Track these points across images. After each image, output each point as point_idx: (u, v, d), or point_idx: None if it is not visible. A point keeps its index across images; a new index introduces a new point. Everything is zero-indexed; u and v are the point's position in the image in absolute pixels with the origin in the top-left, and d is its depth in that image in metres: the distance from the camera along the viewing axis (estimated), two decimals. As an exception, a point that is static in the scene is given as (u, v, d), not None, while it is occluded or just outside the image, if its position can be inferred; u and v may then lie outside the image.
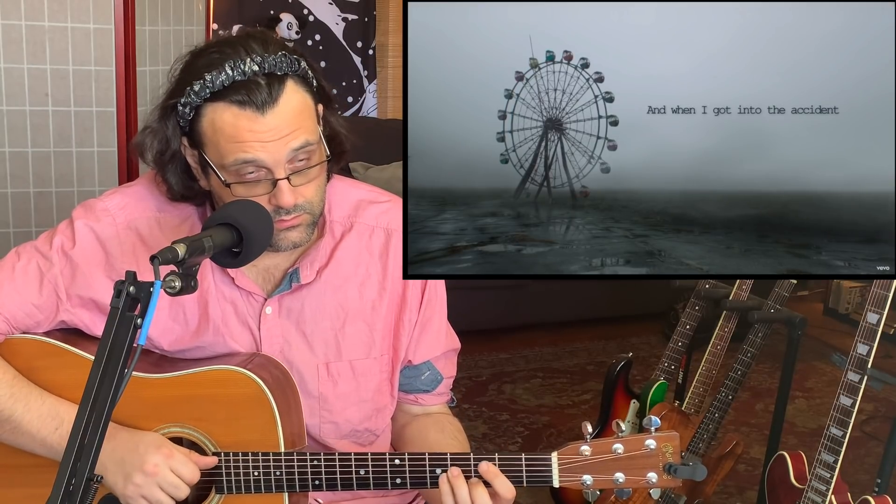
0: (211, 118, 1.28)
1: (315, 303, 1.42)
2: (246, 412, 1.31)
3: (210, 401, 1.32)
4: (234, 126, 1.26)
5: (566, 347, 4.22)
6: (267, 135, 1.26)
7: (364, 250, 1.45)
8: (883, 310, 1.85)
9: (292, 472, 1.30)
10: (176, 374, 1.34)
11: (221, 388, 1.32)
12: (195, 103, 1.28)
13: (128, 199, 1.42)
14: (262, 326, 1.41)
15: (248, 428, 1.32)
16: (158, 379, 1.33)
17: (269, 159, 1.26)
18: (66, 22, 2.73)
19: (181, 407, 1.32)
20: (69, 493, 0.95)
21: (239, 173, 1.28)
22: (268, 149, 1.26)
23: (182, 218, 1.42)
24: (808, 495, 1.94)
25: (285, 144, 1.27)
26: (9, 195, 2.78)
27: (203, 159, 1.31)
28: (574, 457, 1.27)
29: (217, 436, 1.32)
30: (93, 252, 1.38)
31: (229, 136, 1.26)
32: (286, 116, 1.27)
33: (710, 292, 2.55)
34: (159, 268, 1.04)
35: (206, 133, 1.29)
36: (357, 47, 4.95)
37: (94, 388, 0.97)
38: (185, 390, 1.33)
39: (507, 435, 3.29)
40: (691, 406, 2.47)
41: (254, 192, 1.28)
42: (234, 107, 1.26)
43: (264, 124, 1.26)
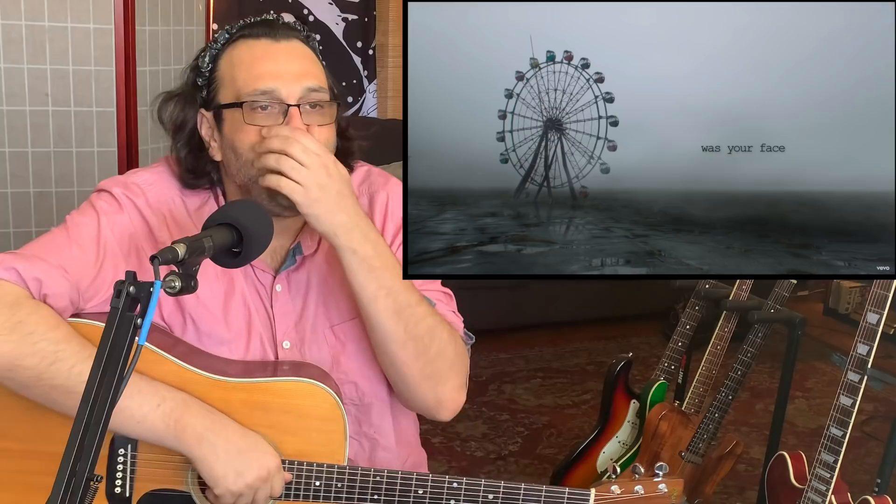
0: (228, 58, 1.38)
1: (319, 272, 1.45)
2: (318, 426, 1.35)
3: (284, 410, 1.35)
4: (251, 55, 1.36)
5: (566, 347, 4.22)
6: (281, 64, 1.35)
7: None
8: (883, 310, 1.85)
9: (354, 485, 1.34)
10: (252, 380, 1.35)
11: (298, 399, 1.35)
12: (215, 50, 1.38)
13: (155, 177, 1.45)
14: (274, 305, 1.45)
15: (316, 441, 1.35)
16: (231, 382, 1.34)
17: (283, 90, 1.33)
18: (66, 22, 2.73)
19: (254, 413, 1.34)
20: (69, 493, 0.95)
21: (252, 107, 1.33)
22: (283, 77, 1.33)
23: (202, 200, 1.45)
24: (808, 495, 1.94)
25: (298, 80, 1.34)
26: (9, 195, 2.78)
27: (218, 114, 1.37)
28: (607, 494, 1.38)
29: (283, 444, 1.35)
30: (139, 221, 1.41)
31: (247, 66, 1.35)
32: (299, 53, 1.38)
33: (710, 292, 2.55)
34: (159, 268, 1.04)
35: (224, 75, 1.37)
36: (357, 47, 4.95)
37: (95, 388, 0.97)
38: (260, 397, 1.35)
39: (507, 435, 3.29)
40: (691, 406, 2.47)
41: (267, 121, 1.33)
42: (251, 39, 1.37)
43: (278, 50, 1.36)
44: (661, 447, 2.42)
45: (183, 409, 1.30)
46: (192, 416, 1.30)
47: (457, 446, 3.18)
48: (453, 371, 1.41)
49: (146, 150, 2.90)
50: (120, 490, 1.33)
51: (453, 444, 3.20)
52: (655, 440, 2.43)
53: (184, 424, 1.29)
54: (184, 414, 1.30)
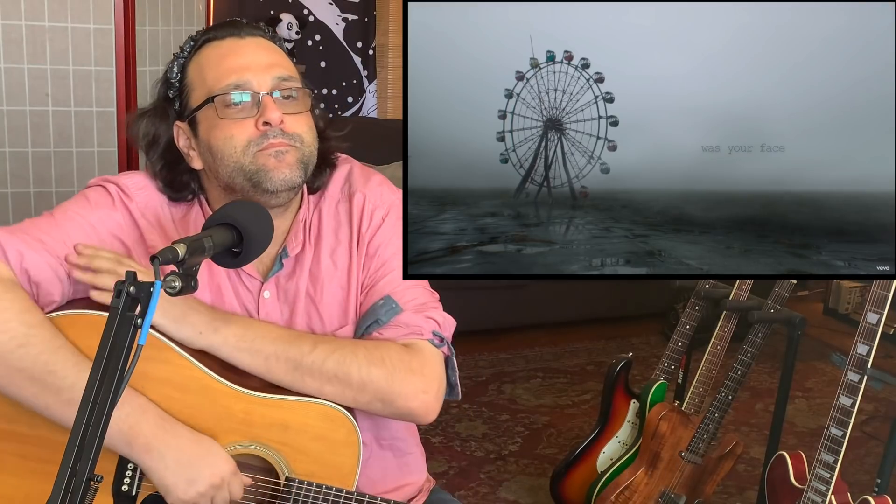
0: (196, 63, 1.38)
1: (308, 280, 1.44)
2: (333, 449, 1.35)
3: (302, 430, 1.35)
4: (218, 54, 1.36)
5: (566, 347, 4.22)
6: (249, 57, 1.35)
7: (332, 220, 1.47)
8: (883, 310, 1.85)
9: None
10: (277, 396, 1.35)
11: (318, 420, 1.35)
12: (182, 59, 1.39)
13: (146, 182, 1.45)
14: (260, 311, 1.44)
15: (329, 463, 1.35)
16: (256, 396, 1.34)
17: (254, 80, 1.34)
18: (67, 22, 2.73)
19: (272, 429, 1.34)
20: (69, 492, 0.95)
21: (225, 102, 1.33)
22: (252, 69, 1.34)
23: (186, 209, 1.45)
24: (807, 495, 1.94)
25: (268, 70, 1.35)
26: (9, 195, 2.78)
27: (192, 120, 1.37)
28: None
29: (297, 463, 1.35)
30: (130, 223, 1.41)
31: (215, 65, 1.36)
32: (265, 46, 1.39)
33: (710, 292, 2.55)
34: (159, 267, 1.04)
35: (193, 80, 1.38)
36: (357, 47, 4.95)
37: (95, 389, 0.97)
38: (281, 414, 1.34)
39: (506, 435, 3.29)
40: (691, 406, 2.47)
41: (241, 115, 1.33)
42: (216, 41, 1.38)
43: (245, 45, 1.37)
44: (661, 447, 2.42)
45: (139, 414, 1.28)
46: (145, 424, 1.28)
47: (457, 446, 3.18)
48: (396, 384, 1.36)
49: (146, 150, 2.90)
50: (126, 489, 1.33)
51: (453, 443, 3.20)
52: (655, 440, 2.43)
53: (136, 432, 1.27)
54: (138, 421, 1.27)
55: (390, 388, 1.36)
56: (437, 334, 1.42)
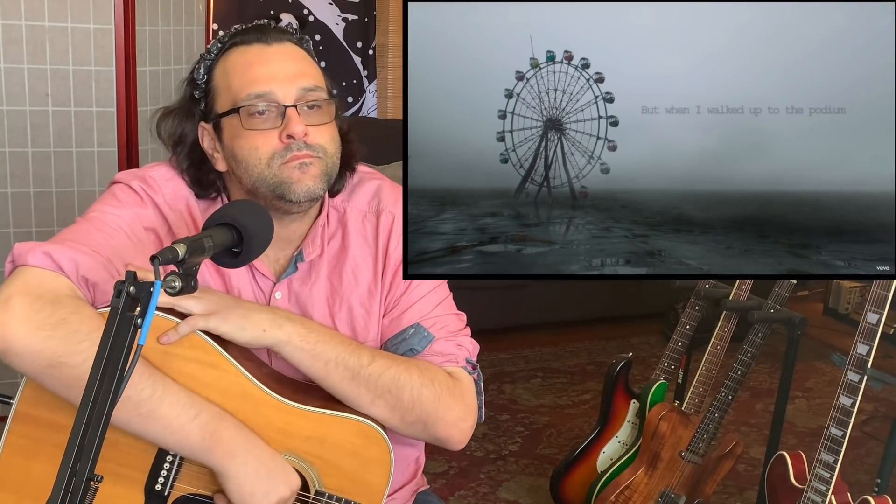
0: (222, 67, 1.38)
1: (320, 285, 1.44)
2: (366, 466, 1.35)
3: (338, 445, 1.34)
4: (244, 61, 1.36)
5: (566, 347, 4.22)
6: (275, 66, 1.35)
7: (357, 234, 1.46)
8: (883, 310, 1.85)
9: None
10: (317, 410, 1.35)
11: (354, 437, 1.35)
12: (209, 60, 1.38)
13: (172, 173, 1.44)
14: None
15: (361, 481, 1.35)
16: (294, 408, 1.34)
17: (278, 91, 1.33)
18: (66, 22, 2.73)
19: (310, 441, 1.34)
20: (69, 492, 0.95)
21: (250, 113, 1.33)
22: (277, 79, 1.33)
23: (210, 202, 1.45)
24: (807, 495, 1.94)
25: (293, 81, 1.35)
26: (9, 195, 2.78)
27: (217, 124, 1.37)
28: None
29: (328, 477, 1.35)
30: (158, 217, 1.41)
31: (240, 72, 1.35)
32: (292, 54, 1.38)
33: (710, 292, 2.55)
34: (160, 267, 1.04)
35: (219, 84, 1.37)
36: (357, 47, 4.95)
37: (95, 389, 0.97)
38: (319, 428, 1.34)
39: (507, 435, 3.29)
40: (691, 406, 2.47)
41: (265, 126, 1.33)
42: (243, 45, 1.37)
43: (271, 53, 1.36)
44: (661, 447, 2.42)
45: (218, 422, 1.28)
46: (225, 431, 1.27)
47: (457, 446, 3.19)
48: (441, 409, 1.37)
49: (146, 150, 2.90)
50: (160, 488, 1.33)
51: (453, 444, 3.20)
52: (655, 440, 2.43)
53: (218, 438, 1.27)
54: (218, 427, 1.27)
55: (436, 411, 1.37)
56: (470, 361, 1.44)
